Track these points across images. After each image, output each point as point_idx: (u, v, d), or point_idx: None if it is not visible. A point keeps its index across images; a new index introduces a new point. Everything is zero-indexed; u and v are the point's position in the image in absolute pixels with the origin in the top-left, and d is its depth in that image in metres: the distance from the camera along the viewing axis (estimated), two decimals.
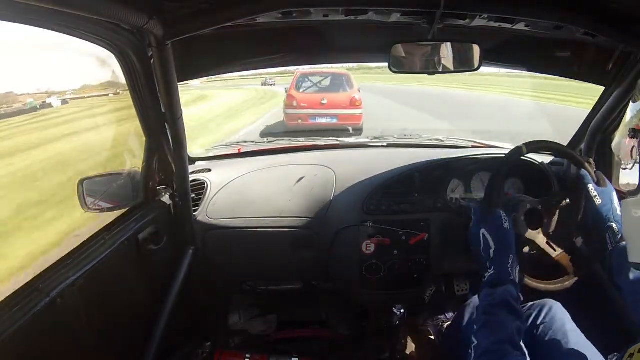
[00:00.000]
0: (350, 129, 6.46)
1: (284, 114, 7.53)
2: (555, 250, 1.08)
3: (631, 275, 0.87)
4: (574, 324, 1.00)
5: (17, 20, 0.68)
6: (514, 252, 0.89)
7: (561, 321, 1.01)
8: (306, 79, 7.75)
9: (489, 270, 0.87)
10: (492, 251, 0.89)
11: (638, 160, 0.78)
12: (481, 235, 0.93)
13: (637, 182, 0.76)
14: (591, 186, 1.04)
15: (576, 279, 1.09)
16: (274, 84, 22.42)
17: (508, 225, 0.93)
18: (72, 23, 0.79)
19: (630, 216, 0.73)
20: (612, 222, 0.97)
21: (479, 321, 0.81)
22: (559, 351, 0.94)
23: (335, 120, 6.99)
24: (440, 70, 1.06)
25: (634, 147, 0.78)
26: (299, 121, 7.04)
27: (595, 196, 1.02)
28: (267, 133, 7.73)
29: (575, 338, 0.96)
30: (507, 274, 0.85)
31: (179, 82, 1.07)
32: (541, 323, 1.02)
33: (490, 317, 0.80)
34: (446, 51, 1.05)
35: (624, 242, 0.90)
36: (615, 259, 0.93)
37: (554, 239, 1.11)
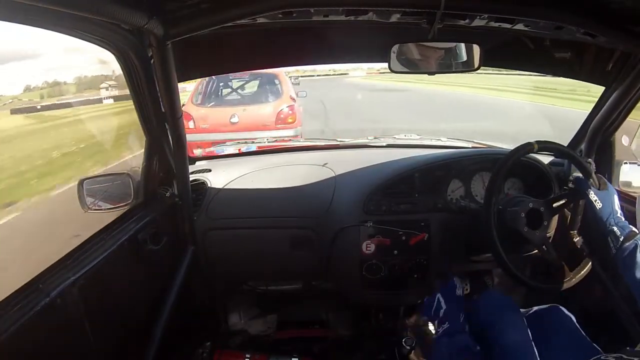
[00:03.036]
0: None
1: None
2: (550, 254, 1.08)
3: (637, 274, 0.90)
4: (578, 327, 1.00)
5: (17, 20, 0.68)
6: (463, 312, 1.00)
7: (567, 325, 1.01)
8: (219, 84, 5.16)
9: (443, 325, 0.99)
10: (442, 311, 1.02)
11: None
12: (436, 299, 1.05)
13: None
14: (591, 191, 1.05)
15: (578, 278, 1.09)
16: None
17: (461, 292, 1.07)
18: (72, 23, 0.78)
19: None
20: (613, 225, 0.98)
21: None
22: (566, 355, 0.93)
23: (253, 149, 3.54)
24: (441, 70, 1.06)
25: None
26: (199, 150, 3.82)
27: (596, 200, 1.03)
28: None
29: (581, 341, 0.96)
30: (460, 325, 0.97)
31: (179, 82, 1.07)
32: (547, 328, 1.02)
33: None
34: (446, 51, 1.05)
35: (628, 243, 0.92)
36: (620, 260, 0.94)
37: (554, 240, 1.11)
